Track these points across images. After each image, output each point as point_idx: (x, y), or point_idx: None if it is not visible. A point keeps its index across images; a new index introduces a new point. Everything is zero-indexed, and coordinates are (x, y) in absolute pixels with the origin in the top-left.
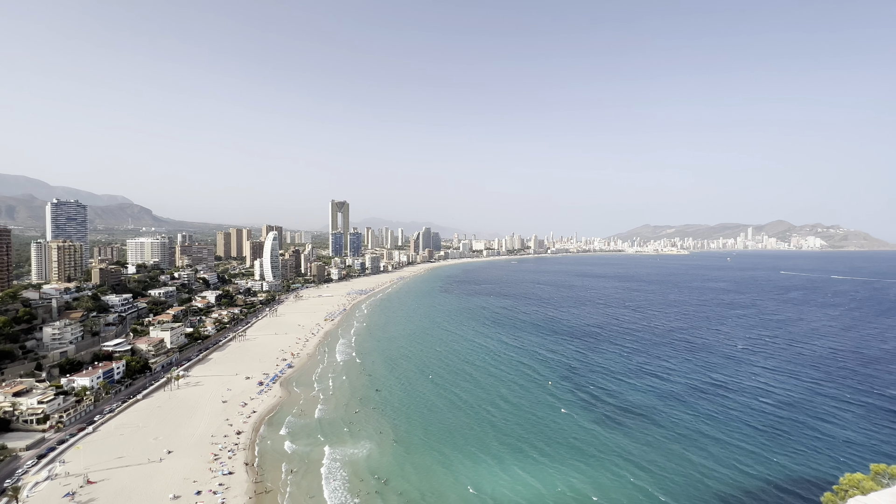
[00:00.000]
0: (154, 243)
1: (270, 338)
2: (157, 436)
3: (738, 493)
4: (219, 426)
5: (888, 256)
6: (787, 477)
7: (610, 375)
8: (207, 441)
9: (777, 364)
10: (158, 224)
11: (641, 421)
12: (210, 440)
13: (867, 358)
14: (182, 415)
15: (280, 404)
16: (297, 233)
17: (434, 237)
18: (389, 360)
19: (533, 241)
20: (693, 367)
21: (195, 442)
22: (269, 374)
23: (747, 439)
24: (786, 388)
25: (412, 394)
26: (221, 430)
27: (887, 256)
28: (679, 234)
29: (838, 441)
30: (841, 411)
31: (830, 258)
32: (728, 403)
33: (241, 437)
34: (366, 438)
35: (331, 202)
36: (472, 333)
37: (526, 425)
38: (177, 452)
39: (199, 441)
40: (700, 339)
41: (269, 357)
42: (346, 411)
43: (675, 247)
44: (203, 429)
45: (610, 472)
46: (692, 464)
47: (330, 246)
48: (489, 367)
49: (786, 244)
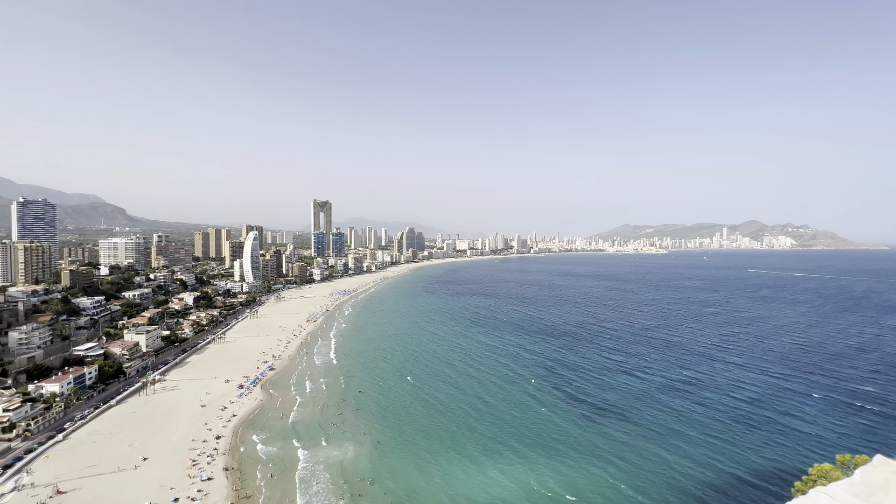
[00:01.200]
0: (128, 244)
1: (251, 340)
2: (132, 442)
3: (712, 488)
4: (197, 431)
5: (852, 255)
6: (759, 469)
7: (588, 374)
8: (185, 446)
9: (748, 360)
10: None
11: (618, 419)
12: (188, 445)
13: (832, 353)
14: (159, 420)
15: (261, 407)
16: (279, 233)
17: (418, 237)
18: (372, 361)
19: (516, 240)
20: (668, 365)
21: (172, 448)
22: (250, 377)
23: (720, 434)
24: (756, 383)
25: (395, 395)
26: (200, 434)
27: (851, 255)
28: (658, 234)
29: (806, 433)
30: (808, 405)
31: (799, 257)
32: (701, 399)
33: (221, 441)
34: (349, 441)
35: (313, 202)
36: (454, 334)
37: (506, 425)
38: (153, 459)
39: (176, 447)
40: (675, 336)
41: (249, 359)
42: (328, 413)
43: (654, 246)
44: (181, 434)
45: (587, 470)
46: (666, 460)
47: (312, 246)
48: (471, 367)
49: (759, 243)
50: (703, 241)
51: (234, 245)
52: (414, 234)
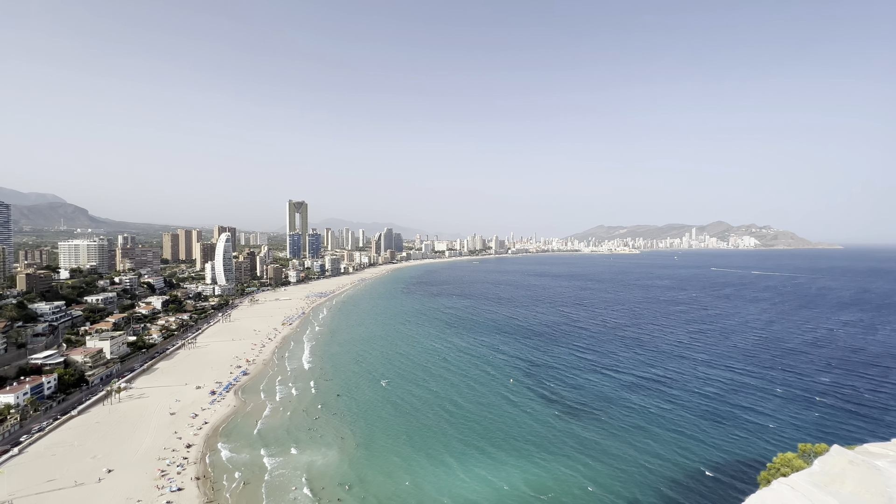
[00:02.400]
0: (91, 245)
1: (223, 344)
2: (95, 454)
3: (682, 479)
4: (166, 440)
5: (809, 254)
6: (726, 461)
7: (562, 374)
8: (153, 456)
9: (713, 357)
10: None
11: (590, 417)
12: (156, 455)
13: (790, 348)
14: (124, 430)
15: (234, 414)
16: (252, 234)
17: (396, 238)
18: (350, 363)
19: (494, 241)
20: (638, 363)
21: (139, 458)
22: (223, 383)
23: (688, 427)
24: (721, 379)
25: (375, 397)
26: (169, 443)
27: (808, 254)
28: (631, 235)
29: (769, 425)
30: (770, 398)
31: (760, 256)
32: (670, 396)
33: (192, 450)
34: (326, 445)
35: (288, 202)
36: (431, 336)
37: (482, 426)
38: (118, 471)
39: (143, 457)
40: (646, 335)
41: (222, 364)
42: (305, 418)
43: (628, 246)
44: (148, 444)
45: (563, 466)
46: (636, 456)
47: (287, 247)
48: (449, 367)
49: (725, 243)
50: (673, 241)
51: (205, 247)
52: (392, 235)
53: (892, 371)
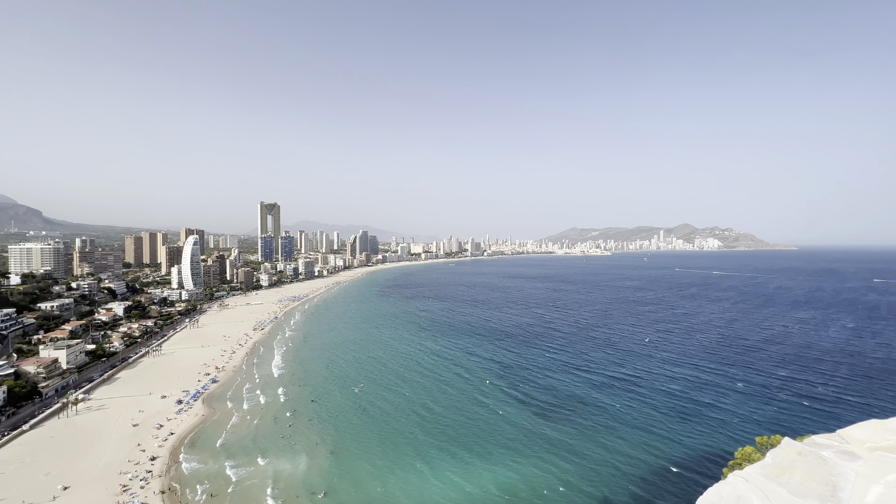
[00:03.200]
0: (45, 249)
1: (191, 351)
2: (49, 471)
3: (649, 476)
4: (129, 453)
5: (768, 255)
6: (691, 456)
7: (536, 374)
8: (114, 471)
9: (679, 354)
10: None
11: (563, 417)
12: (118, 469)
13: (750, 344)
14: (83, 444)
15: (203, 423)
16: (222, 237)
17: (372, 240)
18: (324, 368)
19: (470, 243)
20: (609, 362)
21: (99, 473)
22: (190, 391)
23: (656, 425)
24: (687, 376)
25: (348, 403)
26: (132, 456)
27: (767, 255)
28: (602, 237)
29: (732, 420)
30: (733, 393)
31: (723, 257)
32: (639, 394)
33: (156, 462)
34: (300, 452)
35: (260, 204)
36: (407, 338)
37: (458, 429)
38: (75, 488)
39: (103, 472)
40: (616, 334)
41: (189, 372)
42: (278, 425)
43: (599, 248)
44: (109, 458)
45: (535, 467)
46: (609, 452)
47: (259, 250)
48: (423, 371)
49: (691, 245)
50: (642, 243)
51: (171, 250)
52: (368, 237)
53: (841, 366)
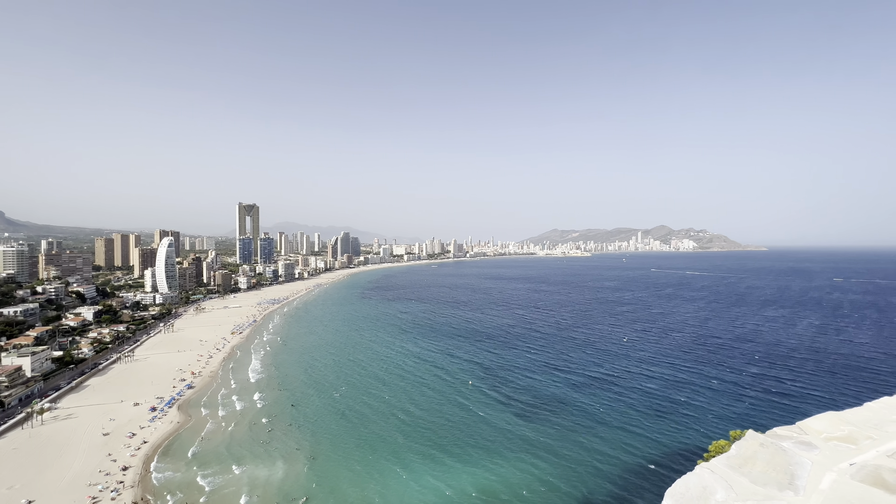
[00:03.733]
0: (7, 251)
1: (165, 356)
2: (11, 484)
3: (626, 474)
4: (99, 463)
5: (739, 255)
6: (668, 452)
7: (516, 375)
8: (83, 482)
9: (656, 352)
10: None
11: (543, 416)
12: (87, 481)
13: (723, 342)
14: (48, 455)
15: (178, 430)
16: (199, 238)
17: (353, 242)
18: (305, 372)
19: (452, 245)
20: (589, 361)
21: (66, 485)
22: (164, 398)
23: (633, 423)
24: (664, 374)
25: (327, 408)
26: (102, 467)
27: (739, 255)
28: (583, 238)
29: (707, 416)
30: (707, 390)
31: (697, 258)
32: (617, 392)
33: (128, 472)
34: (280, 458)
35: (238, 205)
36: (389, 341)
37: (440, 431)
38: (41, 501)
39: (71, 484)
40: (595, 334)
41: (163, 378)
42: (257, 431)
43: (580, 249)
44: (77, 469)
45: (515, 468)
46: (588, 450)
47: (237, 252)
48: (404, 374)
49: (667, 246)
50: (621, 244)
51: (144, 252)
52: (349, 238)
53: (807, 362)
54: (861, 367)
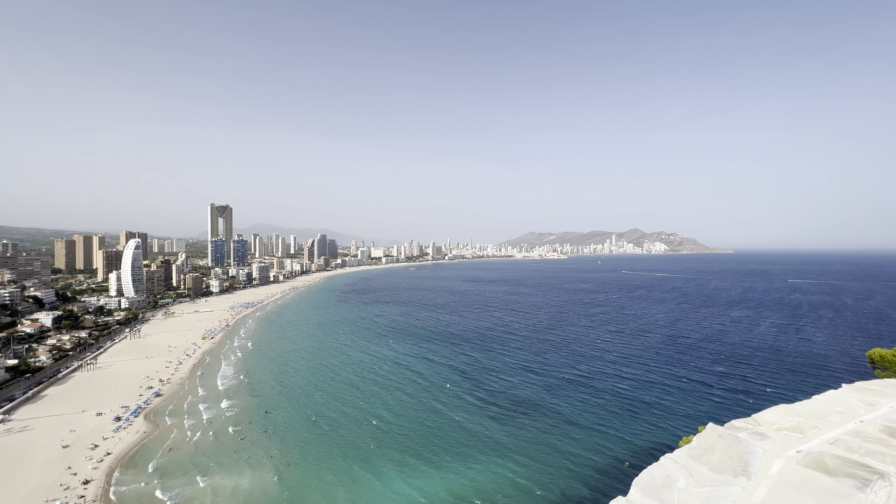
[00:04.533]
0: None
1: (131, 363)
2: None
3: (600, 473)
4: (58, 477)
5: (708, 258)
6: (641, 449)
7: (492, 377)
8: (40, 499)
9: (628, 353)
10: None
11: (518, 418)
12: (44, 496)
13: (692, 342)
14: (1, 471)
15: (145, 441)
16: (168, 240)
17: (330, 244)
18: (279, 378)
19: (431, 247)
20: (564, 363)
21: (21, 502)
22: (130, 407)
23: (606, 422)
24: (636, 374)
25: (304, 413)
26: (62, 481)
27: (707, 258)
28: (559, 241)
29: (677, 413)
30: (677, 388)
31: (669, 260)
32: (591, 393)
33: (90, 486)
34: (254, 467)
35: (210, 206)
36: (366, 345)
37: (412, 437)
38: None
39: (26, 500)
40: (570, 335)
41: (129, 386)
42: (230, 439)
43: (556, 252)
44: (33, 484)
45: (491, 472)
46: (562, 452)
47: (209, 255)
48: (381, 378)
49: (640, 249)
50: (596, 247)
51: (109, 255)
52: (326, 241)
53: (769, 360)
54: (817, 365)
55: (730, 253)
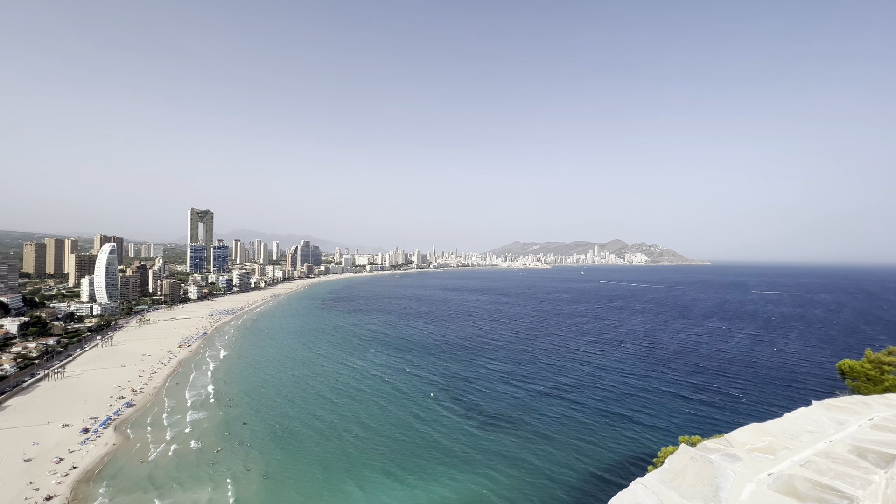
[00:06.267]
0: None
1: (102, 372)
2: None
3: (581, 482)
4: (18, 493)
5: (686, 269)
6: (620, 460)
7: (475, 386)
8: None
9: (608, 363)
10: None
11: (499, 428)
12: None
13: (670, 352)
14: None
15: (115, 453)
16: (145, 245)
17: (314, 251)
18: (258, 388)
19: (416, 256)
20: (545, 373)
21: None
22: (99, 418)
23: (586, 433)
24: (614, 384)
25: (284, 424)
26: (23, 496)
27: (685, 269)
28: (543, 251)
29: (656, 423)
30: (656, 398)
31: (649, 270)
32: (571, 402)
33: (53, 502)
34: (230, 479)
35: (190, 210)
36: (348, 353)
37: (392, 447)
38: None
39: None
40: (552, 345)
41: (98, 396)
42: (205, 450)
43: (540, 262)
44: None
45: (472, 482)
46: (541, 462)
47: (188, 261)
48: (363, 387)
49: (621, 259)
50: (579, 257)
51: (81, 259)
52: (310, 248)
53: (743, 371)
54: (789, 376)
55: (707, 264)
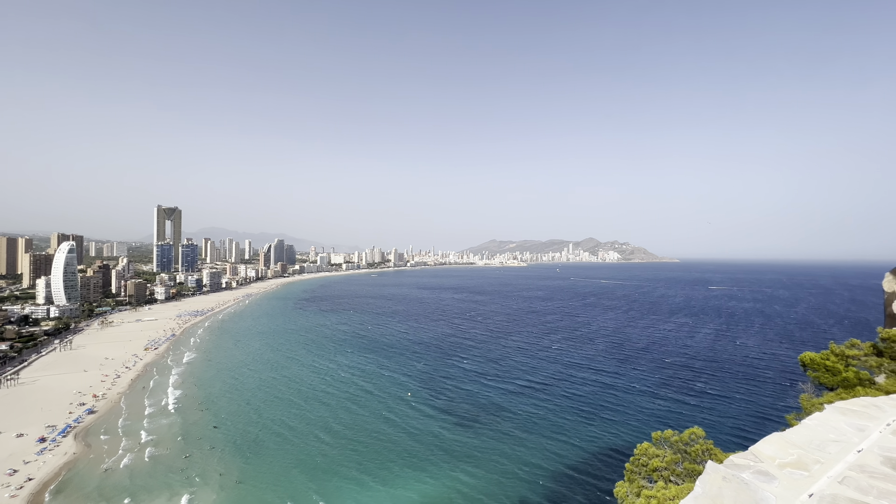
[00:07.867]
0: None
1: (60, 378)
2: None
3: (552, 481)
4: None
5: (656, 266)
6: (593, 456)
7: (447, 386)
8: None
9: (581, 359)
10: None
11: (471, 428)
12: None
13: (639, 348)
14: None
15: (74, 463)
16: (107, 244)
17: (288, 250)
18: (229, 391)
19: (393, 254)
20: (519, 370)
21: None
22: (57, 427)
23: (558, 431)
24: (588, 379)
25: (257, 428)
26: None
27: (655, 266)
28: (519, 249)
29: (628, 418)
30: (627, 394)
31: (620, 268)
32: (544, 399)
33: None
34: (201, 486)
35: (157, 208)
36: (321, 354)
37: (361, 451)
38: None
39: None
40: (525, 343)
41: (57, 403)
42: (174, 457)
43: (516, 260)
44: None
45: (442, 484)
46: (512, 462)
47: (154, 260)
48: (336, 389)
49: (595, 257)
50: (554, 255)
51: (37, 258)
52: (284, 246)
53: (708, 364)
54: (750, 370)
55: (676, 262)
